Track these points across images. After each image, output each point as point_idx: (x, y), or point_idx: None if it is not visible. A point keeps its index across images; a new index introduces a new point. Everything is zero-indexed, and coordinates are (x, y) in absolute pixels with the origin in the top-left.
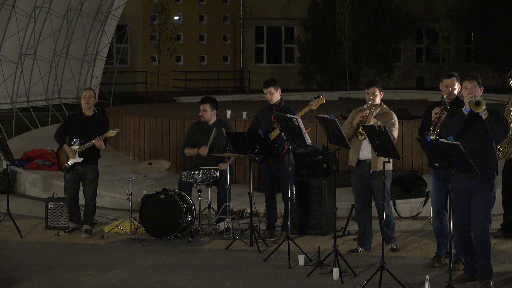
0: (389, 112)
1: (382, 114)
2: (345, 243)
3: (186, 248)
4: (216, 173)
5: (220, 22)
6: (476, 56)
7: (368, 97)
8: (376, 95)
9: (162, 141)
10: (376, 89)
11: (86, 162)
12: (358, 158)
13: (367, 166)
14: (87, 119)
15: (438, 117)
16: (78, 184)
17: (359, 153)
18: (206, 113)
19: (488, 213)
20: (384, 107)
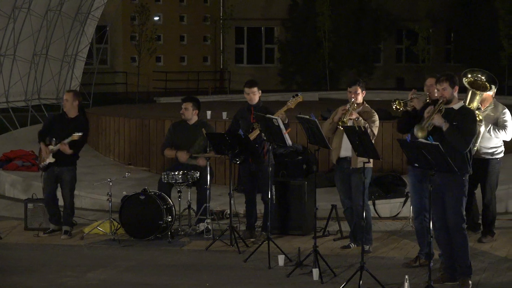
0: (371, 111)
1: (363, 112)
2: (325, 244)
3: (166, 249)
4: (196, 174)
5: (200, 22)
6: (456, 57)
7: (350, 96)
8: (358, 94)
9: (142, 141)
10: (358, 88)
11: (62, 163)
12: (338, 156)
13: (347, 163)
14: (69, 121)
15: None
16: (55, 185)
17: (340, 151)
18: (188, 112)
19: (460, 210)
20: (366, 106)
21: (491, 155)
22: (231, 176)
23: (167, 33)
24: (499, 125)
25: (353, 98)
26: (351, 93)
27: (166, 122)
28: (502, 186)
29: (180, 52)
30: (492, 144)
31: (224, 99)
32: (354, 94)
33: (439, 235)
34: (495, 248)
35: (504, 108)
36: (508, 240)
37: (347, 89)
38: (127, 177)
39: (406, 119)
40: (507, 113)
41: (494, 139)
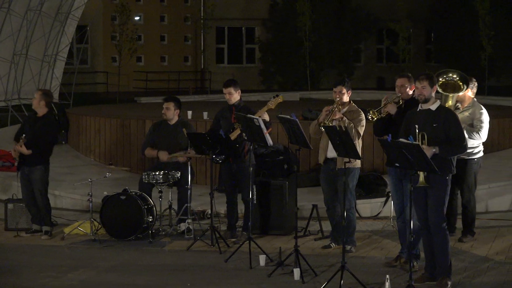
0: (357, 110)
1: (349, 112)
2: (306, 243)
3: (147, 249)
4: (177, 174)
5: (181, 22)
6: (436, 57)
7: (335, 96)
8: (343, 94)
9: (123, 141)
10: (343, 88)
11: (30, 163)
12: (325, 156)
13: (333, 164)
14: (36, 119)
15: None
16: (30, 185)
17: (327, 152)
18: (169, 112)
19: (441, 209)
20: (352, 105)
21: (468, 156)
22: (212, 176)
23: (148, 33)
24: (475, 126)
25: (338, 98)
26: (336, 93)
27: (147, 122)
28: (483, 185)
29: (161, 52)
30: (469, 144)
31: (204, 99)
32: (339, 94)
33: (420, 234)
34: (475, 247)
35: (482, 108)
36: (488, 240)
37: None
38: (108, 177)
39: (381, 124)
40: (484, 114)
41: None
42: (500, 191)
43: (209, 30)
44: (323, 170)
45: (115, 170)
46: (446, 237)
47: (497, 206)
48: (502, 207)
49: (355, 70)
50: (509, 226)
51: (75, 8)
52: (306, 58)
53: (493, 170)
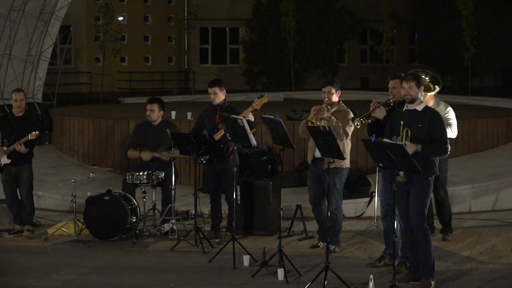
0: (346, 110)
1: (338, 111)
2: (290, 244)
3: (130, 250)
4: (161, 174)
5: (165, 22)
6: (420, 57)
7: (324, 96)
8: (332, 94)
9: (107, 142)
10: (332, 88)
11: (19, 162)
12: (314, 156)
13: (322, 164)
14: (16, 119)
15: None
16: (14, 185)
17: (315, 151)
18: (154, 113)
19: (423, 210)
20: (341, 105)
21: None
22: (196, 176)
23: (132, 33)
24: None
25: (326, 98)
26: (325, 93)
27: (130, 123)
28: (466, 185)
29: (145, 52)
30: None
31: (188, 99)
32: (328, 94)
33: (404, 235)
34: (459, 248)
35: (447, 106)
36: (472, 240)
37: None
38: (92, 177)
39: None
40: (450, 111)
41: None
42: (483, 191)
43: (193, 30)
44: (310, 170)
45: (98, 171)
46: (428, 237)
47: (480, 206)
48: (485, 207)
49: (339, 70)
50: (492, 226)
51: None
52: (290, 58)
53: (476, 170)
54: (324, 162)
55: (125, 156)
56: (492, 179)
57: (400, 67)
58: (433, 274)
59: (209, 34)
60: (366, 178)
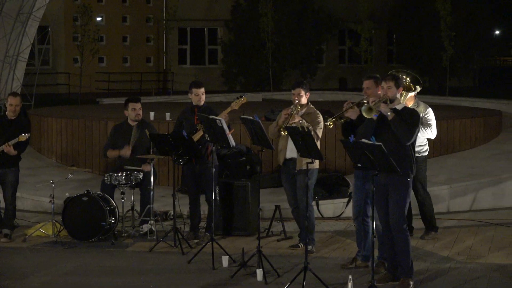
0: (315, 112)
1: (307, 114)
2: (269, 244)
3: (109, 251)
4: (139, 175)
5: (143, 23)
6: (399, 58)
7: (294, 98)
8: (302, 96)
9: (85, 143)
10: (301, 90)
11: (5, 165)
12: (285, 157)
13: (293, 165)
14: (10, 122)
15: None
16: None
17: (286, 152)
18: (141, 111)
19: (402, 211)
20: (310, 107)
21: (418, 153)
22: (175, 177)
23: (110, 34)
24: (424, 124)
25: (296, 100)
26: (294, 95)
27: (109, 123)
28: (444, 186)
29: (123, 53)
30: (418, 142)
31: (167, 100)
32: (298, 96)
33: (382, 235)
34: (437, 248)
35: (427, 107)
36: (450, 240)
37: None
38: (70, 178)
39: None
40: (430, 112)
41: (420, 138)
42: (461, 191)
43: (171, 31)
44: (283, 171)
45: (77, 172)
46: (407, 238)
47: (458, 206)
48: (463, 207)
49: (317, 71)
50: (470, 226)
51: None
52: (268, 59)
53: (454, 171)
54: (297, 162)
55: (104, 157)
56: (470, 179)
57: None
58: (412, 274)
59: (188, 35)
60: (345, 178)
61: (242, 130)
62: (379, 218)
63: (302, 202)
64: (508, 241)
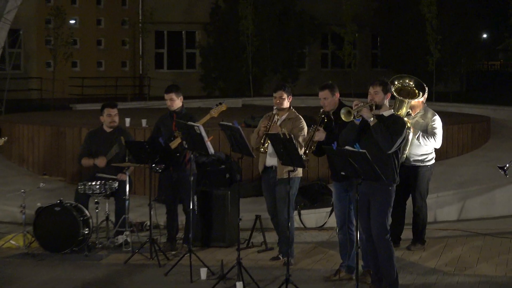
0: (297, 117)
1: (289, 119)
2: (249, 256)
3: (83, 263)
4: (114, 184)
5: (119, 26)
6: (383, 62)
7: (275, 101)
8: (284, 99)
9: (58, 150)
10: (283, 93)
11: None
12: (264, 165)
13: (273, 173)
14: None
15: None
16: None
17: (265, 160)
18: (117, 117)
19: (384, 220)
20: (292, 112)
21: (422, 162)
22: (151, 186)
23: (84, 37)
24: (429, 132)
25: (277, 104)
26: (276, 98)
27: (82, 130)
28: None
29: (98, 57)
30: (422, 151)
31: (143, 106)
32: (280, 99)
33: (366, 246)
34: (424, 259)
35: (434, 114)
36: (437, 251)
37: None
38: (42, 187)
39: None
40: (436, 120)
41: (422, 147)
42: (448, 200)
43: (148, 34)
44: (263, 179)
45: (49, 181)
46: (390, 248)
47: (446, 215)
48: (450, 217)
49: (300, 75)
50: (458, 236)
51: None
52: (248, 63)
53: (442, 179)
54: (277, 171)
55: (79, 164)
56: (457, 188)
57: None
58: (397, 286)
59: (165, 38)
60: (328, 187)
61: (221, 137)
62: (362, 228)
63: (283, 213)
64: (497, 252)
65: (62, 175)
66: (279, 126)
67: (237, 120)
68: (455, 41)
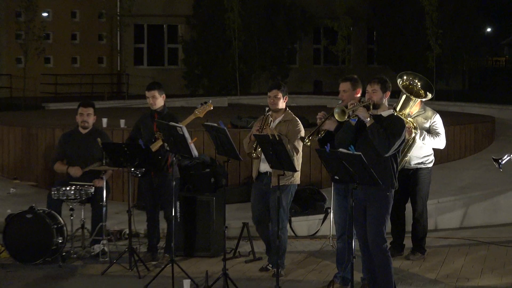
0: (293, 119)
1: (284, 121)
2: (236, 266)
3: (56, 274)
4: (91, 189)
5: (95, 19)
6: (379, 57)
7: (269, 101)
8: (279, 99)
9: (30, 153)
10: (278, 92)
11: None
12: (258, 171)
13: (267, 179)
14: None
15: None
16: None
17: (259, 165)
18: (91, 118)
19: (381, 229)
20: (288, 113)
21: (424, 164)
22: (130, 191)
23: (57, 31)
24: (432, 133)
25: (271, 105)
26: (270, 98)
27: (56, 131)
28: (431, 200)
29: (72, 52)
30: (424, 152)
31: (121, 105)
32: (274, 99)
33: (362, 255)
34: (424, 269)
35: (435, 113)
36: (438, 261)
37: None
38: (12, 193)
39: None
40: (438, 119)
41: (425, 148)
42: (450, 206)
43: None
44: (254, 186)
45: (20, 185)
46: (388, 259)
47: (447, 223)
48: (452, 224)
49: (290, 72)
50: (460, 245)
51: None
52: (235, 59)
53: (443, 183)
54: (271, 177)
55: (52, 169)
56: (459, 193)
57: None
58: None
59: (145, 32)
60: (321, 192)
61: (205, 139)
62: (358, 237)
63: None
64: (502, 262)
65: (34, 180)
66: (273, 129)
67: (223, 121)
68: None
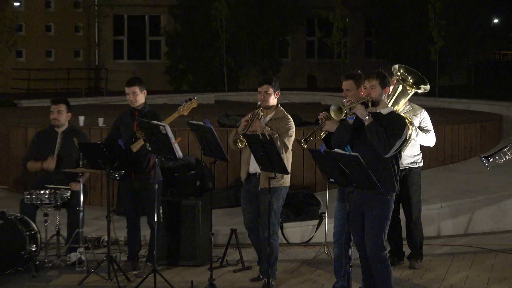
0: (285, 116)
1: (275, 119)
2: (224, 276)
3: (29, 285)
4: (66, 193)
5: (71, 9)
6: (378, 51)
7: (260, 97)
8: (270, 95)
9: (0, 154)
10: (269, 88)
11: None
12: (248, 172)
13: (256, 181)
14: None
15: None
16: None
17: (249, 166)
18: (62, 115)
19: (380, 236)
20: (279, 110)
21: (416, 164)
22: (109, 195)
23: (30, 22)
24: (423, 129)
25: (262, 100)
26: (260, 93)
27: (29, 130)
28: (434, 205)
29: (46, 45)
30: (415, 151)
31: (100, 102)
32: (265, 95)
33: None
34: (427, 280)
35: (422, 109)
36: (442, 270)
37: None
38: None
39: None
40: (426, 116)
41: (416, 146)
42: (453, 211)
43: (105, 19)
44: (244, 188)
45: None
46: (387, 268)
47: (451, 229)
48: (456, 231)
49: (282, 67)
50: (465, 253)
51: None
52: (222, 53)
53: (446, 186)
54: (260, 179)
55: (24, 168)
56: (464, 197)
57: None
58: None
59: (125, 23)
60: (315, 196)
61: (190, 139)
62: (355, 244)
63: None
64: (510, 271)
65: (5, 183)
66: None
67: (209, 119)
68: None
